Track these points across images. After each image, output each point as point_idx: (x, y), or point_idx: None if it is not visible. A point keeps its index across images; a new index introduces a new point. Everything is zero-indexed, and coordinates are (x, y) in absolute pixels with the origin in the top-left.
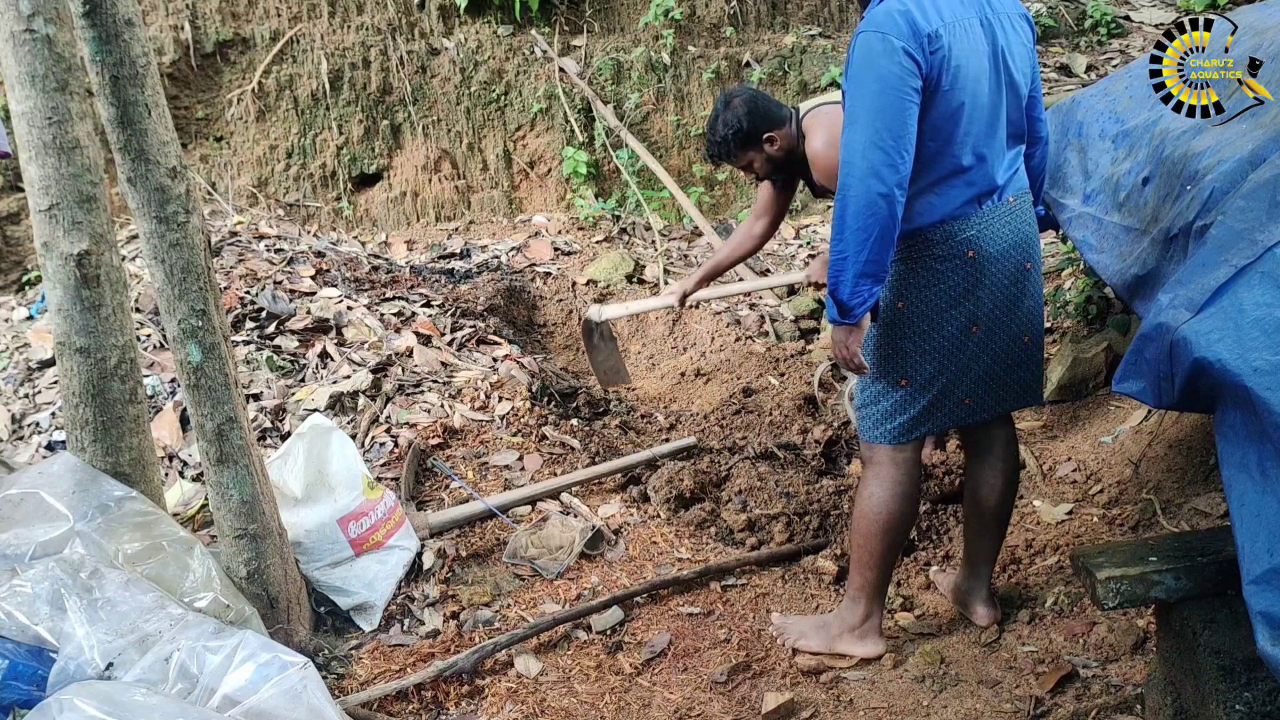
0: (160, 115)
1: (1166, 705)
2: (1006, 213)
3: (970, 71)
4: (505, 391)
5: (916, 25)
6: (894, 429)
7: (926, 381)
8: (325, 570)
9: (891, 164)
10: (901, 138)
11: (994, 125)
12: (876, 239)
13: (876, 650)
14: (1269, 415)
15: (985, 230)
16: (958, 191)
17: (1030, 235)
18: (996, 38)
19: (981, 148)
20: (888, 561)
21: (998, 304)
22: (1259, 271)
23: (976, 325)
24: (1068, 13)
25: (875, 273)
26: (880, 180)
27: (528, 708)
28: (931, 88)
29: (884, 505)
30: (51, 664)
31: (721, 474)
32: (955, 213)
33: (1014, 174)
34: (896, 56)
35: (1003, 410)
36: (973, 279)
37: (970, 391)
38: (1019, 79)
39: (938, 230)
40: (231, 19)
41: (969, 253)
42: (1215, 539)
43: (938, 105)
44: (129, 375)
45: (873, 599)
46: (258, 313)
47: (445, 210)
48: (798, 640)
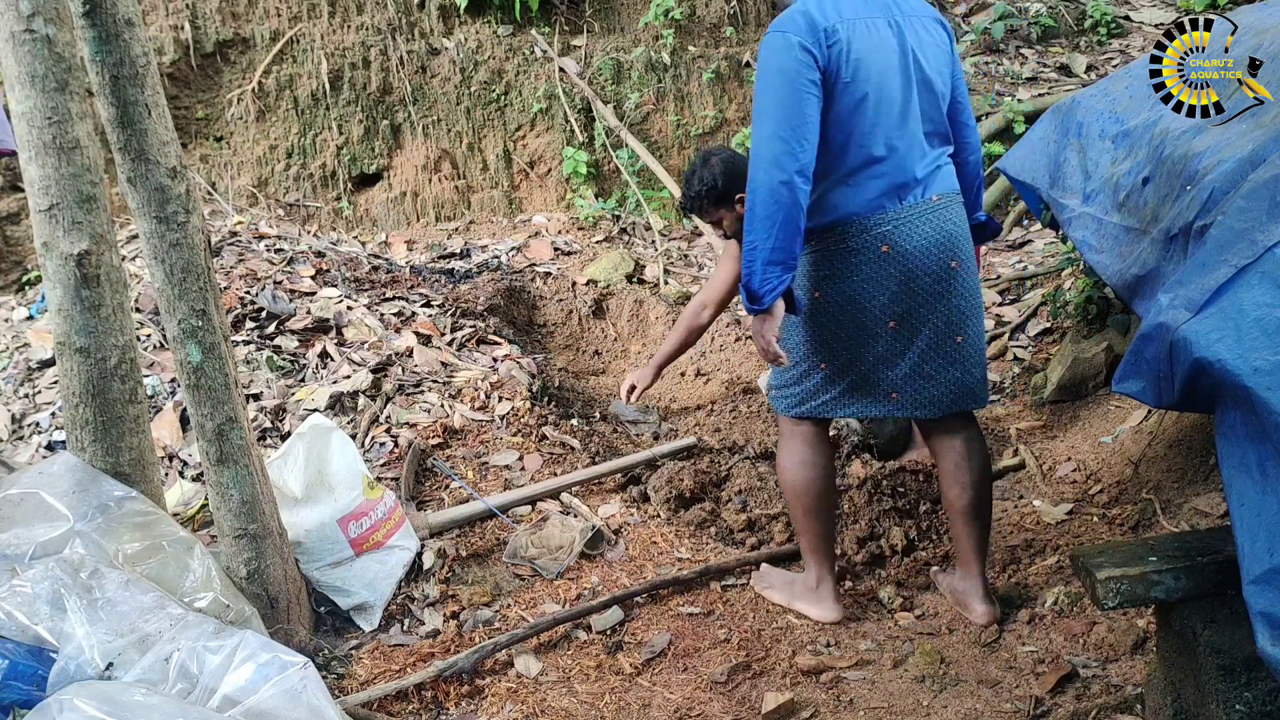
0: (160, 115)
1: (1166, 705)
2: (929, 210)
3: (874, 65)
4: (505, 391)
5: (813, 21)
6: (813, 407)
7: (842, 369)
8: (325, 570)
9: (791, 152)
10: (800, 127)
11: (905, 118)
12: (781, 226)
13: (831, 614)
14: (1269, 415)
15: (902, 226)
16: (872, 184)
17: (956, 235)
18: (905, 37)
19: (893, 139)
20: (815, 526)
21: (919, 301)
22: (1259, 271)
23: (894, 321)
24: (1068, 13)
25: (783, 260)
26: (781, 169)
27: (528, 708)
28: (832, 80)
29: (790, 474)
30: (51, 664)
31: (721, 474)
32: (870, 206)
33: (935, 171)
34: (793, 51)
35: (945, 412)
36: (887, 273)
37: (897, 387)
38: (933, 78)
39: (853, 223)
40: (231, 19)
41: (883, 247)
42: (1215, 539)
43: (841, 97)
44: (129, 375)
45: (818, 564)
46: (258, 313)
47: (445, 210)
48: (766, 589)
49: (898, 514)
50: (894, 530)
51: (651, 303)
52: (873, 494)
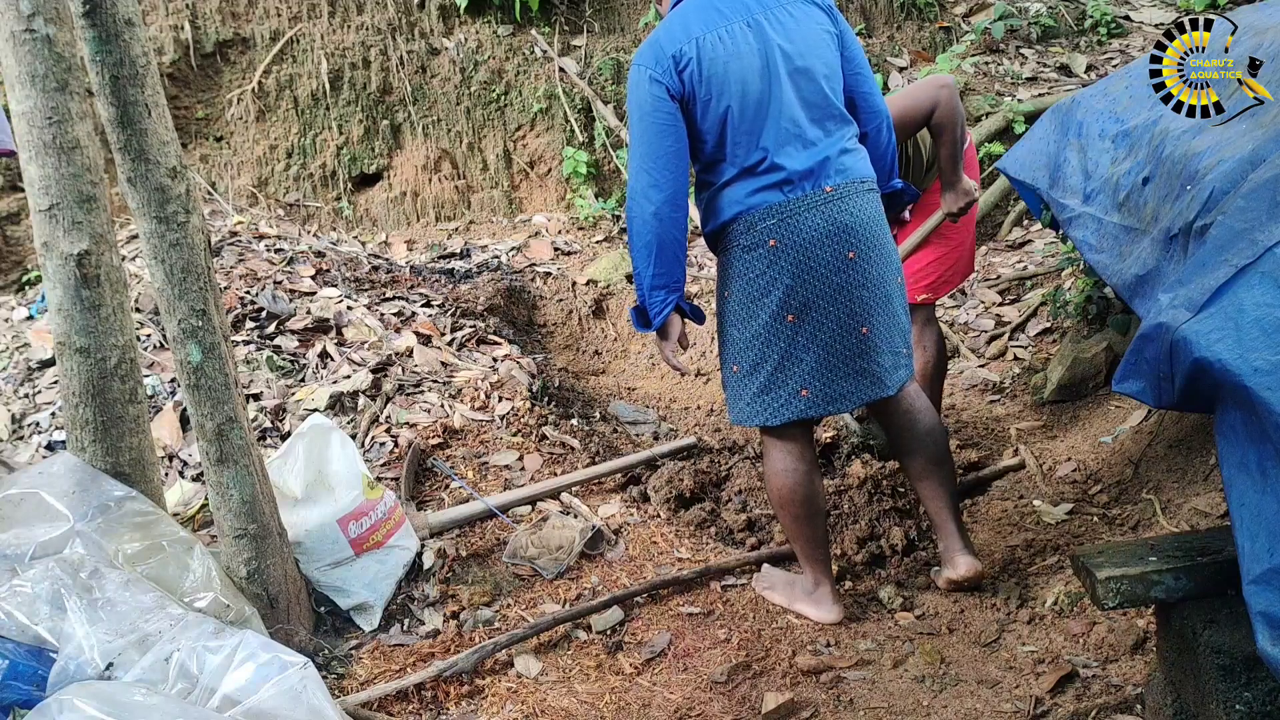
0: (160, 115)
1: (1166, 705)
2: (821, 202)
3: (731, 75)
4: (505, 391)
5: (661, 50)
6: (737, 412)
7: (751, 368)
8: (325, 570)
9: (655, 184)
10: (660, 158)
11: (776, 118)
12: (658, 253)
13: (831, 615)
14: (1269, 415)
15: (788, 219)
16: (751, 183)
17: (852, 225)
18: (767, 33)
19: (764, 142)
20: (805, 533)
21: (816, 293)
22: (1259, 271)
23: (791, 314)
24: (1068, 13)
25: (667, 284)
26: (648, 200)
27: (528, 708)
28: (690, 102)
29: (773, 482)
30: (51, 664)
31: (721, 474)
32: (752, 203)
33: (825, 163)
34: (647, 86)
35: (854, 405)
36: (778, 267)
37: (805, 383)
38: (811, 64)
39: (740, 222)
40: (231, 19)
41: (770, 241)
42: (1215, 539)
43: (705, 115)
44: (129, 375)
45: (815, 568)
46: (258, 313)
47: (445, 210)
48: (767, 590)
49: (898, 514)
50: (894, 530)
51: None
52: (873, 494)
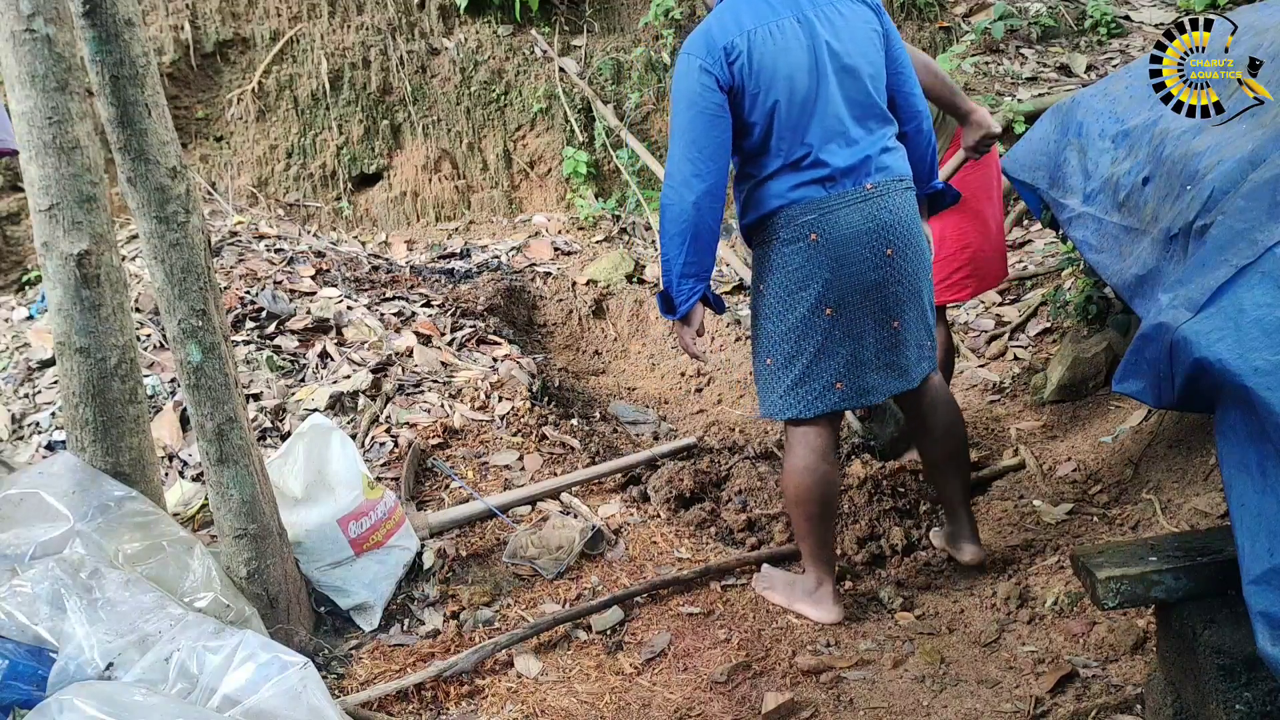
0: (160, 115)
1: (1166, 705)
2: (860, 199)
3: (781, 69)
4: (505, 391)
5: (712, 40)
6: (769, 405)
7: (786, 361)
8: (325, 570)
9: (699, 174)
10: (706, 149)
11: (822, 115)
12: (692, 242)
13: (831, 615)
14: (1269, 415)
15: (830, 215)
16: (794, 178)
17: (890, 223)
18: (816, 30)
19: (810, 137)
20: (815, 531)
21: (853, 289)
22: (1259, 271)
23: (829, 308)
24: (1068, 13)
25: (697, 273)
26: (690, 189)
27: (528, 708)
28: (739, 94)
29: (793, 479)
30: (51, 664)
31: (721, 474)
32: (795, 198)
33: (866, 160)
34: (696, 75)
35: (883, 398)
36: (818, 261)
37: (839, 376)
38: (857, 63)
39: (781, 215)
40: (231, 19)
41: (811, 235)
42: (1215, 539)
43: (752, 108)
44: (129, 375)
45: (818, 567)
46: (258, 313)
47: (445, 210)
48: (767, 590)
49: (898, 514)
50: (894, 530)
51: (651, 303)
52: (873, 494)
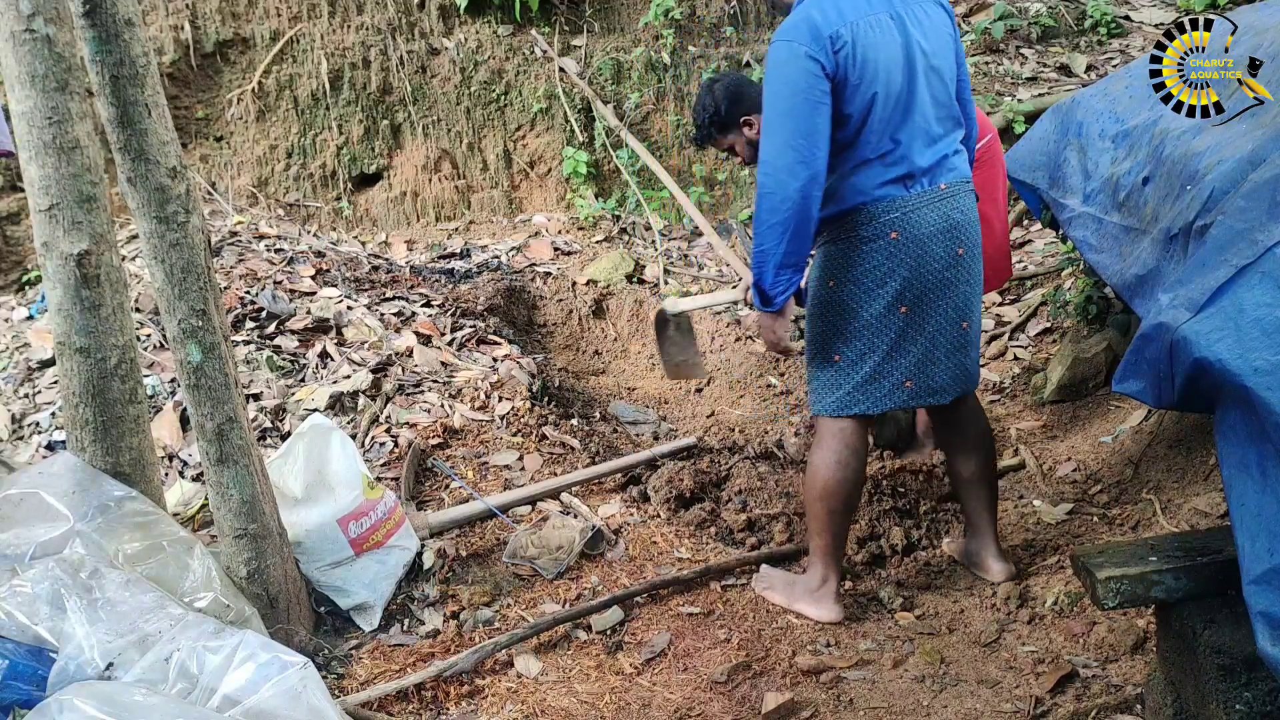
0: (160, 115)
1: (1166, 705)
2: (937, 198)
3: (881, 63)
4: (505, 391)
5: (817, 28)
6: (832, 402)
7: (857, 358)
8: (325, 570)
9: (803, 160)
10: (811, 136)
11: (910, 112)
12: (793, 232)
13: (831, 615)
14: (1269, 415)
15: (910, 213)
16: (878, 174)
17: (963, 223)
18: (908, 28)
19: (898, 134)
20: (833, 528)
21: (928, 287)
22: (1259, 271)
23: (905, 306)
24: (1068, 13)
25: (795, 263)
26: (794, 177)
27: (528, 708)
28: (840, 84)
29: (823, 473)
30: (51, 664)
31: (721, 474)
32: (878, 195)
33: (943, 160)
34: (800, 62)
35: (951, 397)
36: (897, 259)
37: (909, 374)
38: (940, 64)
39: (862, 212)
40: (231, 19)
41: (892, 234)
42: (1215, 539)
43: (851, 99)
44: (129, 375)
45: (827, 564)
46: (258, 313)
47: (445, 210)
48: (766, 590)
49: (898, 514)
50: (894, 530)
51: (651, 303)
52: (873, 494)
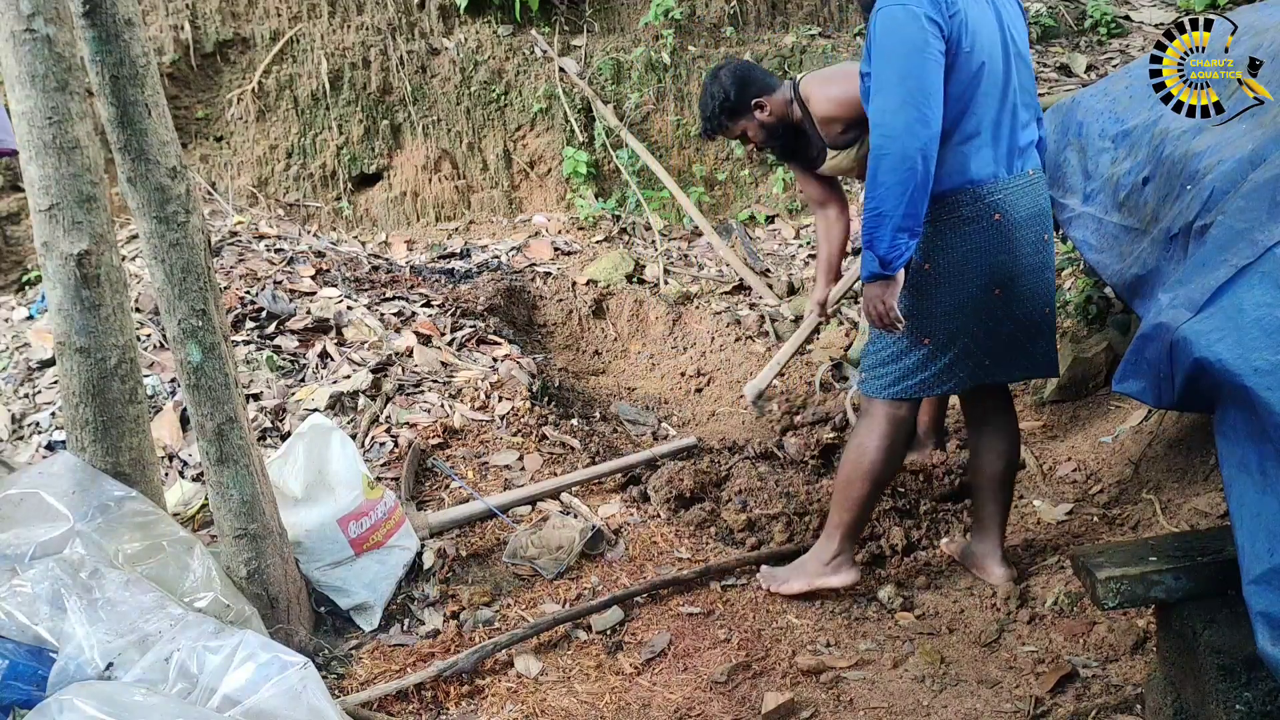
0: (160, 115)
1: (1166, 705)
2: (1029, 183)
3: (985, 35)
4: (505, 391)
5: None
6: (910, 385)
7: (947, 340)
8: (325, 570)
9: (924, 119)
10: (931, 95)
11: (1007, 90)
12: (912, 193)
13: (851, 578)
14: (1269, 415)
15: (1010, 196)
16: (985, 152)
17: (1046, 210)
18: (1000, 12)
19: (1000, 111)
20: (866, 507)
21: (1021, 270)
22: (1259, 271)
23: (999, 288)
24: (1068, 13)
25: (912, 226)
26: (915, 136)
27: (528, 708)
28: (954, 49)
29: (872, 455)
30: (51, 664)
31: (721, 474)
32: (982, 175)
33: (1030, 146)
34: (919, 22)
35: (1022, 378)
36: (996, 242)
37: (992, 354)
38: (1024, 51)
39: (966, 192)
40: (231, 19)
41: (995, 215)
42: (1215, 539)
43: (961, 66)
44: (129, 375)
45: (846, 538)
46: (258, 313)
47: (445, 210)
48: (782, 586)
49: (898, 514)
50: (894, 530)
51: (651, 303)
52: None
